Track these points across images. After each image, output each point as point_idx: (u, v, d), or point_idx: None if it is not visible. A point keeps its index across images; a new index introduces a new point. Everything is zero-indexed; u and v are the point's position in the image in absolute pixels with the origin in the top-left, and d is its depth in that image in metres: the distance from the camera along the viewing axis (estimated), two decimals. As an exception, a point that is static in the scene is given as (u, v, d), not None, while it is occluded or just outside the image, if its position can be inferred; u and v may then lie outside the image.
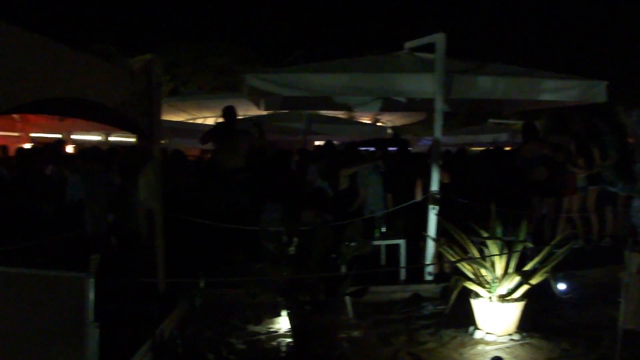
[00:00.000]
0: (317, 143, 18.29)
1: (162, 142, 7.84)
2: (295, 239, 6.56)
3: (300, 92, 9.00)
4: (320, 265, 6.32)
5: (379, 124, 19.61)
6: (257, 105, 11.24)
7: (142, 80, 7.05)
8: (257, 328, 7.18)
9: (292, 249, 6.54)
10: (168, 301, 7.30)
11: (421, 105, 11.89)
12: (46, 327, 3.64)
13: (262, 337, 6.91)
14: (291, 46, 30.61)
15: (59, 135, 14.87)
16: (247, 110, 14.22)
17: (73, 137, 15.81)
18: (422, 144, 22.18)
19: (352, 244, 6.56)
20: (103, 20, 32.22)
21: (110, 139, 17.05)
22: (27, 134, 15.10)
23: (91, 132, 16.70)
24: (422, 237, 8.76)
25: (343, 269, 6.64)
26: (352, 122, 18.15)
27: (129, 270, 7.27)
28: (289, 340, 6.70)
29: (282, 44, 32.52)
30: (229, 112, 10.54)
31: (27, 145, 15.07)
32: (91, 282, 3.50)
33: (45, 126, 14.73)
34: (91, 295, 3.50)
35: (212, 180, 10.01)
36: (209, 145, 11.33)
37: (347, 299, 7.09)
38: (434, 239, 8.54)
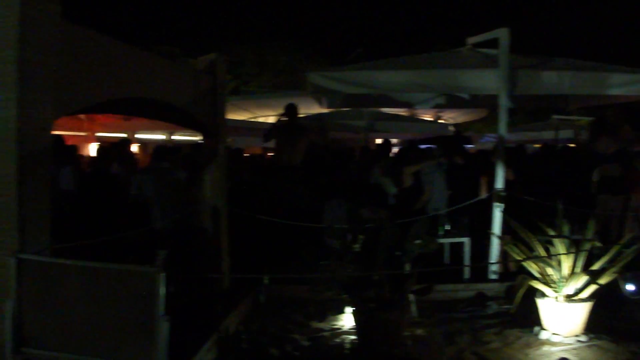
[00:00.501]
0: (377, 141, 18.29)
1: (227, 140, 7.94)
2: (360, 237, 6.57)
3: (362, 90, 9.00)
4: (386, 263, 6.33)
5: (440, 121, 19.48)
6: (320, 103, 11.30)
7: (207, 79, 7.18)
8: (321, 325, 7.20)
9: (357, 247, 6.55)
10: (232, 297, 7.41)
11: (483, 101, 11.79)
12: (119, 319, 3.74)
13: (326, 333, 6.93)
14: (351, 44, 30.68)
15: (124, 135, 15.17)
16: (308, 108, 14.28)
17: (137, 136, 16.12)
18: (484, 141, 21.93)
19: (417, 241, 6.54)
20: (167, 22, 32.64)
21: (174, 137, 17.33)
22: (93, 134, 15.46)
23: (155, 131, 17.00)
24: (487, 235, 8.66)
25: (407, 266, 6.62)
26: (413, 120, 18.05)
27: (194, 266, 7.39)
28: (352, 337, 6.70)
29: (342, 42, 32.53)
30: (291, 110, 10.63)
31: (94, 145, 15.47)
32: (162, 276, 3.59)
33: (111, 125, 15.06)
34: (162, 290, 3.59)
35: (273, 177, 10.09)
36: (271, 143, 11.44)
37: (411, 297, 7.07)
38: (499, 237, 8.44)
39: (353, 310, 6.64)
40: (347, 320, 7.16)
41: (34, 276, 3.91)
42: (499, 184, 8.50)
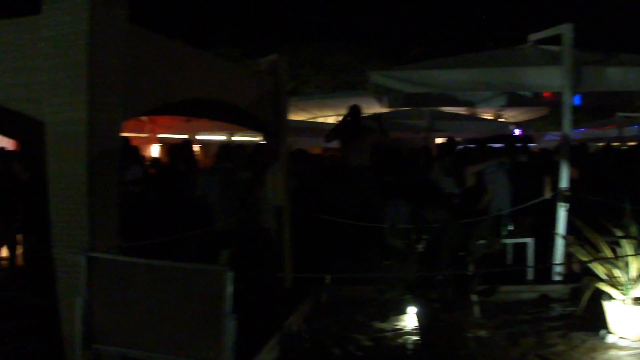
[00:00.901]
0: (437, 140, 18.17)
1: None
2: (424, 237, 6.53)
3: (424, 89, 8.95)
4: (449, 263, 6.28)
5: (500, 119, 19.25)
6: (380, 102, 11.28)
7: (269, 80, 7.24)
8: (383, 325, 7.17)
9: (421, 247, 6.52)
10: (294, 296, 7.45)
11: (545, 99, 11.63)
12: (187, 317, 3.80)
13: (388, 334, 6.90)
14: (409, 43, 30.55)
15: (185, 136, 15.38)
16: (368, 108, 14.26)
17: (198, 137, 16.31)
18: (546, 140, 21.57)
19: (482, 241, 6.48)
20: (225, 24, 32.98)
21: (234, 138, 17.48)
22: (155, 135, 15.72)
23: (215, 132, 17.18)
24: (551, 236, 8.52)
25: (471, 267, 6.56)
26: (473, 119, 17.87)
27: (257, 266, 7.45)
28: (415, 338, 6.66)
29: (400, 41, 32.42)
30: (354, 111, 10.63)
31: (156, 146, 15.73)
32: (230, 275, 3.63)
33: (172, 127, 15.29)
34: (230, 288, 3.63)
35: (337, 178, 10.10)
36: (334, 144, 11.45)
37: (474, 297, 7.00)
38: (563, 238, 8.30)
39: (416, 310, 6.60)
40: (409, 320, 7.12)
41: (103, 274, 3.99)
42: (564, 183, 8.36)
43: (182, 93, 5.04)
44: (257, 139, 16.98)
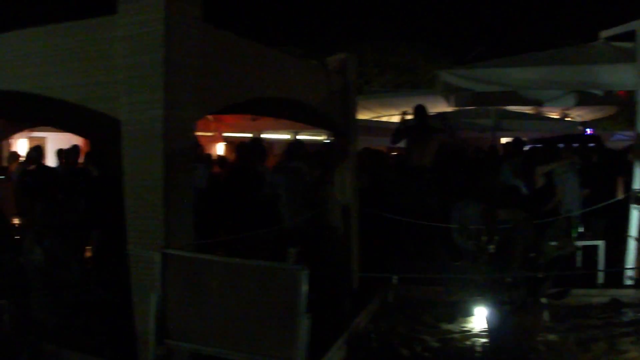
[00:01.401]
0: (503, 140, 17.91)
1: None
2: (496, 237, 6.43)
3: (494, 87, 8.85)
4: (521, 265, 6.17)
5: (567, 119, 18.86)
6: (448, 101, 11.19)
7: (338, 79, 7.22)
8: (450, 326, 7.09)
9: (491, 247, 6.41)
10: (361, 296, 7.43)
11: (615, 98, 11.37)
12: (261, 315, 3.79)
13: (456, 335, 6.82)
14: (473, 41, 30.21)
15: (250, 135, 15.48)
16: (433, 107, 14.15)
17: (263, 135, 16.39)
18: (615, 139, 21.07)
19: (553, 243, 6.34)
20: (288, 23, 33.15)
21: (298, 137, 17.52)
22: (220, 134, 15.85)
23: (280, 131, 17.26)
24: (622, 239, 8.31)
25: (542, 269, 6.43)
26: (540, 118, 17.54)
27: (324, 265, 7.44)
28: (483, 340, 6.57)
29: (463, 39, 32.11)
30: (420, 111, 10.56)
31: (221, 145, 15.86)
32: (306, 274, 3.62)
33: (237, 126, 15.41)
34: (305, 287, 3.62)
35: (403, 177, 10.04)
36: (402, 143, 11.39)
37: (545, 300, 6.87)
38: (636, 240, 8.09)
39: (486, 312, 6.50)
40: (477, 322, 7.02)
41: (178, 271, 4.02)
42: (637, 184, 8.14)
43: (255, 91, 5.06)
44: (322, 137, 17.01)
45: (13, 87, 4.83)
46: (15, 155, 12.35)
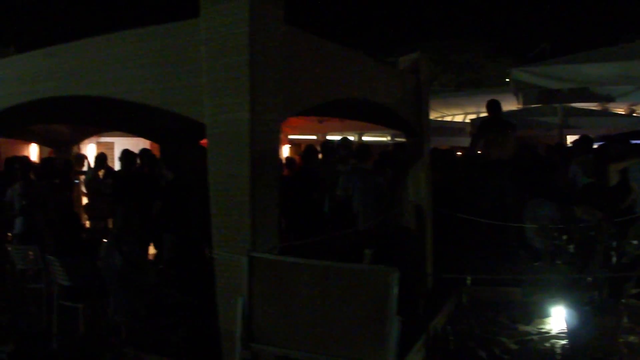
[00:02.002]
0: (570, 137, 17.56)
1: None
2: (576, 236, 6.30)
3: (568, 84, 8.70)
4: (602, 265, 6.03)
5: (635, 114, 18.40)
6: (517, 99, 11.02)
7: (411, 78, 7.17)
8: (527, 328, 6.99)
9: (571, 247, 6.29)
10: (435, 297, 7.36)
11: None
12: (349, 317, 3.75)
13: (534, 337, 6.72)
14: (536, 38, 29.72)
15: (314, 137, 15.49)
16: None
17: (329, 137, 16.38)
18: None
19: (635, 242, 6.19)
20: (348, 23, 33.18)
21: (364, 138, 17.50)
22: (286, 136, 15.90)
23: (345, 133, 17.23)
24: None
25: (624, 269, 6.27)
26: (606, 114, 17.14)
27: (398, 266, 7.38)
28: (562, 342, 6.45)
29: (526, 36, 31.65)
30: (495, 106, 10.39)
31: (286, 147, 15.90)
32: (397, 276, 3.58)
33: (304, 128, 15.44)
34: (396, 289, 3.57)
35: (480, 174, 9.86)
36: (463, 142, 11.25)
37: (626, 301, 6.70)
38: None
39: (565, 313, 6.37)
40: (554, 323, 6.90)
41: (264, 274, 4.01)
42: None
43: (336, 92, 5.05)
44: (386, 138, 16.97)
45: (94, 92, 4.89)
46: (82, 157, 12.53)
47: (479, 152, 10.45)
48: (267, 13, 4.10)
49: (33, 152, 14.21)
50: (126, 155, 9.65)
